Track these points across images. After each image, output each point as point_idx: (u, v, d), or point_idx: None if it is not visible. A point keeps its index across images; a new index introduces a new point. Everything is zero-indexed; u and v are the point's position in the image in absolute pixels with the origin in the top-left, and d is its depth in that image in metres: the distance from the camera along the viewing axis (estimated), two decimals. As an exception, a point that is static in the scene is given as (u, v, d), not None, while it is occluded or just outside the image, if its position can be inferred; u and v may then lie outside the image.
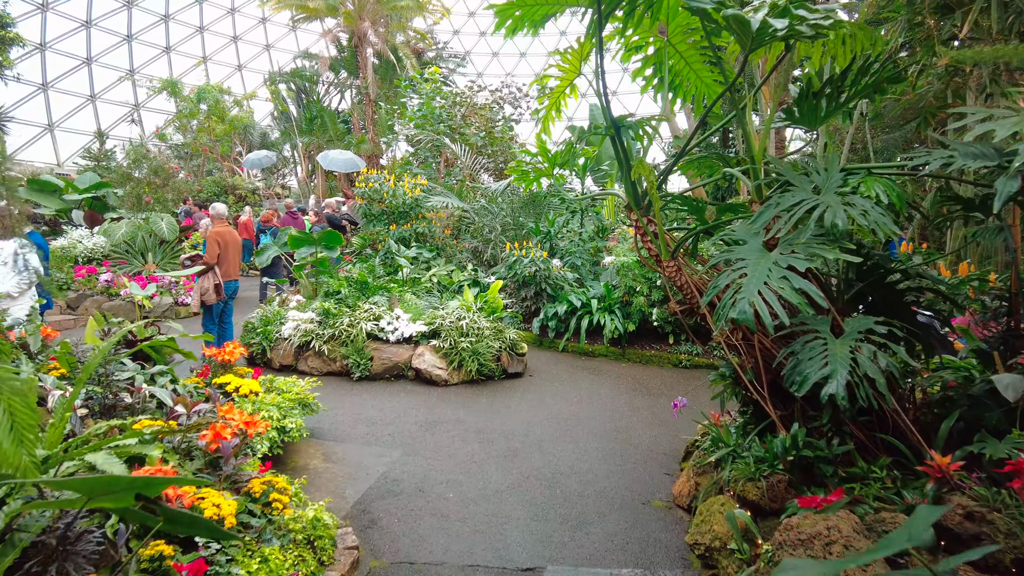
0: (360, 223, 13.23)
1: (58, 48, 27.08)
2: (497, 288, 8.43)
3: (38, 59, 26.89)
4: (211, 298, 7.81)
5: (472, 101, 17.92)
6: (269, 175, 30.08)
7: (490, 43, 38.28)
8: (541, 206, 12.92)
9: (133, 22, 29.30)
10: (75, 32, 27.52)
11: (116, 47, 29.29)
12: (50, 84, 27.54)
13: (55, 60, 27.36)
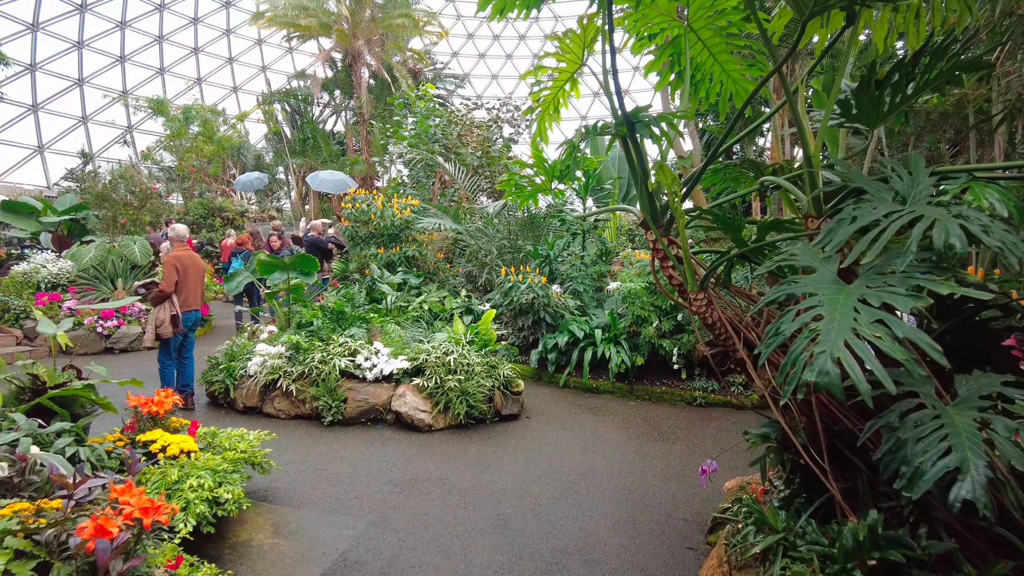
0: (347, 246, 12.39)
1: (49, 69, 26.58)
2: (490, 318, 7.54)
3: (28, 80, 26.35)
4: (167, 331, 6.92)
5: (469, 120, 17.21)
6: (264, 198, 29.42)
7: (489, 65, 37.94)
8: (540, 228, 12.09)
9: (127, 43, 28.86)
10: (67, 52, 27.05)
11: (109, 68, 28.84)
12: (40, 105, 26.97)
13: (46, 81, 26.84)
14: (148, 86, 30.22)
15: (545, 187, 4.96)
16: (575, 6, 34.60)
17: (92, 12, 26.75)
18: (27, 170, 27.79)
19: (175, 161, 21.88)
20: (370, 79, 23.52)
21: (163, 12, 29.22)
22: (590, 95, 36.11)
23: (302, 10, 19.94)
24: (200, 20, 30.82)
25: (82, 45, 27.23)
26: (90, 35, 27.27)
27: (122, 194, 12.73)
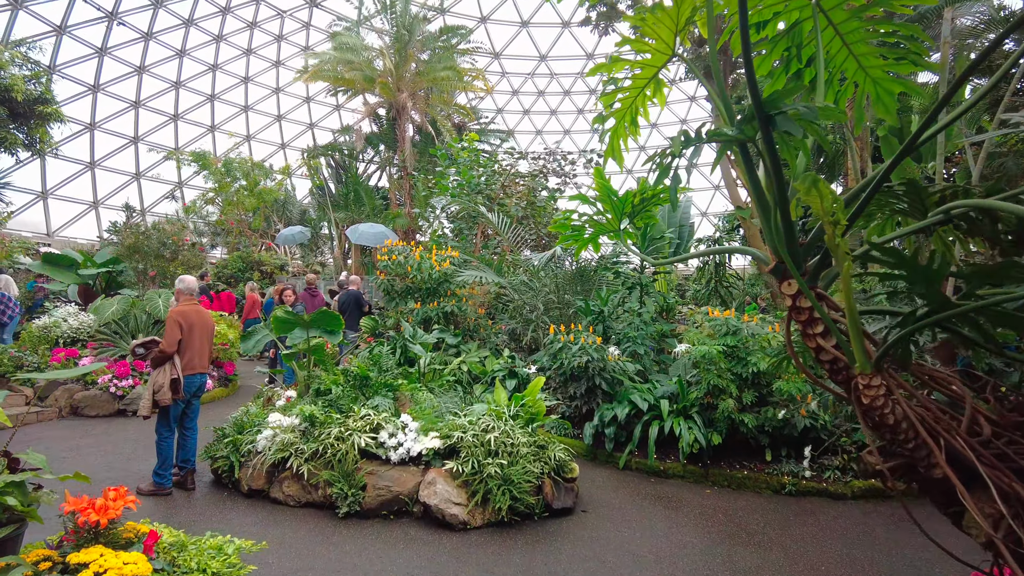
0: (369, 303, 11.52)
1: (106, 127, 27.30)
2: (538, 387, 6.37)
3: (86, 138, 27.11)
4: (166, 397, 5.98)
5: (513, 170, 16.48)
6: (308, 252, 29.26)
7: (534, 121, 37.81)
8: (590, 281, 10.99)
9: (180, 102, 29.65)
10: (124, 112, 27.83)
11: (162, 127, 29.57)
12: (97, 162, 27.65)
13: (103, 139, 27.57)
14: (199, 143, 30.88)
15: (611, 227, 3.90)
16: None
17: (149, 73, 27.61)
18: (82, 225, 28.37)
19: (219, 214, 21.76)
20: (415, 134, 23.29)
21: (216, 72, 30.05)
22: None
23: (347, 64, 19.89)
24: (251, 79, 31.62)
25: (139, 104, 28.05)
26: (147, 95, 28.11)
27: (153, 246, 12.21)
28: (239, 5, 28.20)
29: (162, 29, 26.78)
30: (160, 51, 27.52)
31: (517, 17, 32.74)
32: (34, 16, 22.48)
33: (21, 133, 19.04)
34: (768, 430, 7.26)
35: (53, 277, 16.28)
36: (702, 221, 34.75)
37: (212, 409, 9.99)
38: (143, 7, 25.43)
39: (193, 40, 28.20)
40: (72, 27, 23.74)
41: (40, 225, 27.22)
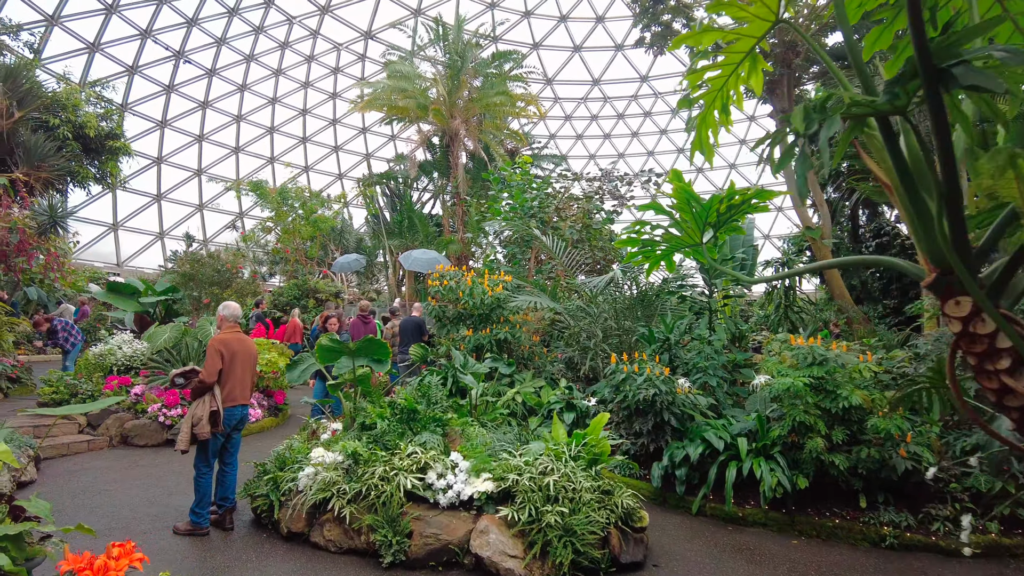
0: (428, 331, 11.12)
1: (172, 161, 28.32)
2: (602, 423, 5.75)
3: (154, 171, 28.16)
4: (204, 431, 5.64)
5: (567, 193, 16.01)
6: (364, 280, 29.44)
7: (587, 146, 37.43)
8: (651, 307, 10.30)
9: (241, 135, 30.57)
10: (188, 146, 28.85)
11: (224, 159, 30.51)
12: (163, 194, 28.68)
13: (169, 172, 28.60)
14: (260, 174, 31.75)
15: (690, 240, 3.35)
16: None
17: (212, 108, 28.64)
18: (149, 254, 29.44)
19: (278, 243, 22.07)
20: (467, 160, 23.18)
21: (275, 105, 30.96)
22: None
23: (400, 92, 19.97)
24: (308, 112, 32.42)
25: (202, 138, 29.08)
26: (210, 128, 29.15)
27: (208, 274, 12.22)
28: (297, 40, 29.08)
29: (225, 65, 27.83)
30: (223, 86, 28.59)
31: (569, 42, 32.65)
32: (109, 58, 23.62)
33: (93, 167, 19.85)
34: (862, 473, 6.40)
35: (116, 305, 16.67)
36: (764, 244, 33.40)
37: (260, 440, 9.72)
38: (207, 44, 26.46)
39: (253, 75, 29.20)
40: (142, 67, 24.85)
41: (111, 256, 28.37)
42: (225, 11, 25.65)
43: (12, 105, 15.69)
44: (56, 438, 8.80)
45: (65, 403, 9.52)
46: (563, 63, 33.78)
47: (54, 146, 17.49)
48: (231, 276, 12.92)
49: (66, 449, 8.57)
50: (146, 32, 23.85)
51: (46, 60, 21.28)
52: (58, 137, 17.49)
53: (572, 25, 32.06)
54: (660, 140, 36.38)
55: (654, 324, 9.52)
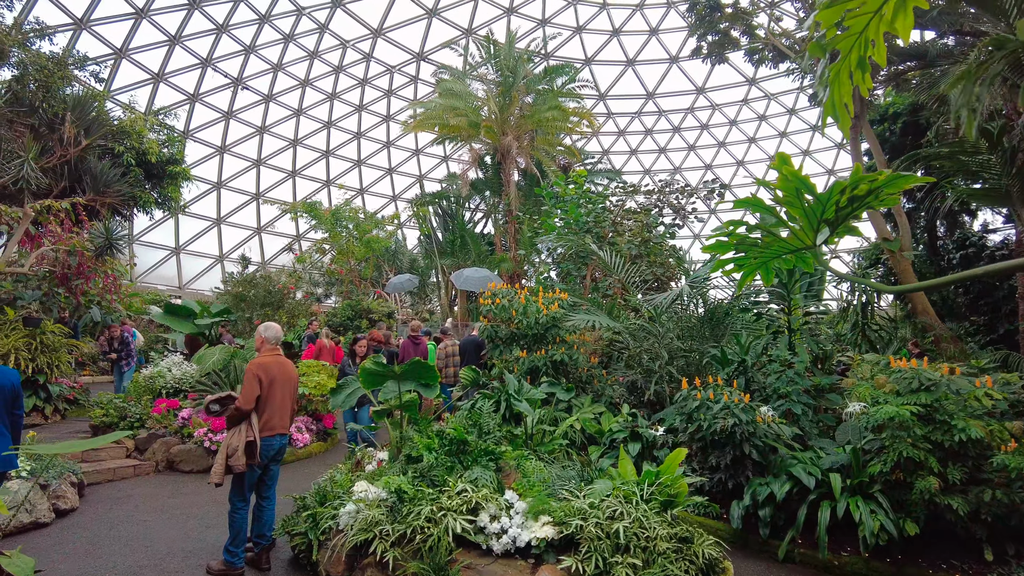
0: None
1: (231, 185, 28.97)
2: (678, 461, 5.03)
3: (214, 196, 28.85)
4: (239, 462, 5.20)
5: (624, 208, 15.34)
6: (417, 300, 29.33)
7: (642, 161, 36.59)
8: (721, 325, 9.48)
9: (298, 159, 31.11)
10: (247, 170, 29.50)
11: (282, 182, 31.06)
12: (223, 218, 29.33)
13: (228, 196, 29.26)
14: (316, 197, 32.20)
15: (800, 242, 2.73)
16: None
17: (269, 133, 29.26)
18: (210, 277, 30.08)
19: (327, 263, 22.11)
20: (520, 177, 22.80)
21: (330, 129, 31.41)
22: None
23: (452, 111, 19.78)
24: (363, 135, 32.78)
25: (260, 163, 29.70)
26: (267, 153, 29.76)
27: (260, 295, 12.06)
28: (350, 64, 29.48)
29: (281, 91, 28.40)
30: (279, 111, 29.19)
31: (623, 56, 32.07)
32: (172, 87, 24.40)
33: (155, 193, 20.34)
34: (986, 519, 5.45)
35: (172, 327, 16.83)
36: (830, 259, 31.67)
37: (307, 466, 9.34)
38: (264, 71, 27.08)
39: (309, 99, 29.71)
40: (203, 95, 25.57)
41: (174, 279, 29.13)
42: (281, 37, 26.20)
43: (80, 134, 16.13)
44: (103, 463, 8.62)
45: (115, 426, 9.39)
46: (616, 77, 33.22)
47: (118, 172, 17.95)
48: (282, 297, 12.75)
49: (112, 474, 8.37)
50: (206, 61, 24.55)
51: (115, 91, 22.07)
52: (122, 163, 17.97)
53: (625, 38, 31.52)
54: (718, 153, 35.25)
55: (724, 343, 8.71)
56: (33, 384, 10.65)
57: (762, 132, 33.50)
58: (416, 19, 28.49)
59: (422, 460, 5.34)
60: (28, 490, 6.39)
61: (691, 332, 9.42)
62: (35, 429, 10.12)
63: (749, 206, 2.99)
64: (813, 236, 2.78)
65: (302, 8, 25.37)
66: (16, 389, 4.62)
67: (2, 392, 4.52)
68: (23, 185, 10.90)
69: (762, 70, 28.96)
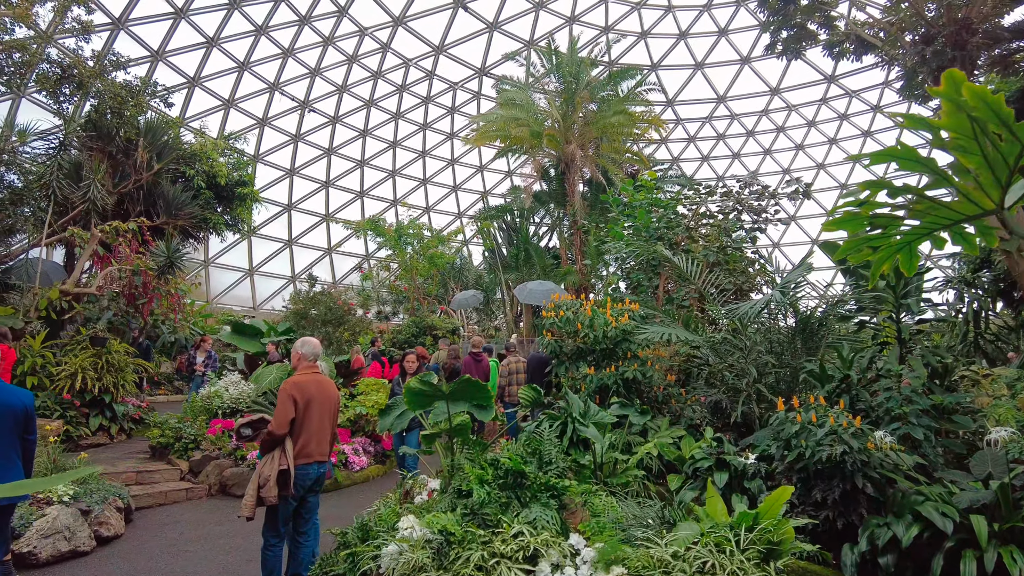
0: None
1: (302, 207, 29.50)
2: (781, 501, 4.12)
3: (285, 218, 29.45)
4: (271, 494, 4.66)
5: (699, 211, 14.31)
6: (484, 316, 28.92)
7: (714, 167, 35.07)
8: (816, 336, 8.37)
9: (365, 179, 31.45)
10: (316, 192, 30.01)
11: (350, 203, 31.44)
12: (294, 239, 29.88)
13: (299, 218, 29.82)
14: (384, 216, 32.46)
15: (981, 202, 1.88)
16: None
17: (337, 154, 29.70)
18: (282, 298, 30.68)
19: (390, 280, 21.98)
20: (585, 186, 22.05)
21: (396, 149, 31.64)
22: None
23: (514, 121, 19.28)
24: (427, 153, 32.88)
25: (329, 184, 30.18)
26: (336, 174, 30.21)
27: (320, 312, 11.79)
28: (414, 82, 29.61)
29: (346, 112, 28.79)
30: (345, 132, 29.60)
31: (691, 59, 30.88)
32: (242, 112, 25.08)
33: (225, 215, 20.81)
34: None
35: (240, 346, 16.94)
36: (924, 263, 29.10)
37: (362, 491, 8.82)
38: (329, 93, 27.52)
39: (374, 119, 30.01)
40: (272, 118, 26.19)
41: (248, 299, 29.87)
42: (344, 59, 26.57)
43: (152, 158, 16.58)
44: (157, 485, 8.38)
45: (170, 447, 9.17)
46: (685, 82, 32.00)
47: (189, 195, 18.43)
48: (343, 314, 12.45)
49: (164, 498, 8.09)
50: (274, 85, 25.14)
51: (189, 118, 22.85)
52: (192, 186, 18.43)
53: (693, 41, 30.32)
54: (796, 156, 33.31)
55: (821, 358, 7.61)
56: (99, 403, 10.65)
57: (843, 132, 31.40)
58: (477, 34, 28.36)
59: (474, 494, 4.62)
60: (69, 516, 6.13)
61: (781, 345, 8.36)
62: (99, 448, 10.11)
63: (893, 159, 2.18)
64: (1000, 194, 1.94)
65: (364, 28, 25.66)
66: (29, 411, 4.22)
67: (12, 413, 4.12)
68: (90, 207, 11.02)
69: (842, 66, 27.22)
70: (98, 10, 18.05)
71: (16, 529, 5.68)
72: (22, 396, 4.24)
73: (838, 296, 8.68)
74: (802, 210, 32.45)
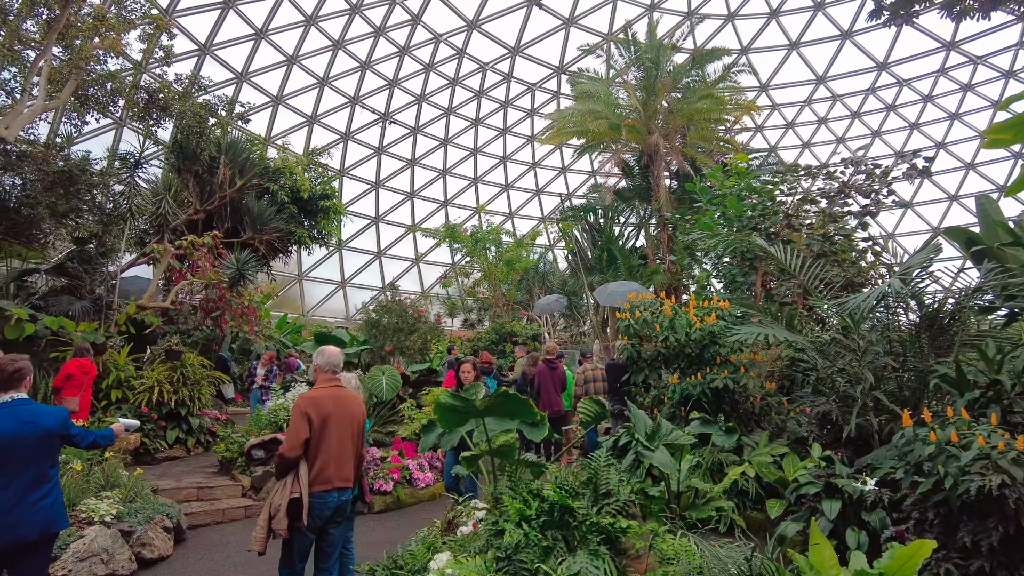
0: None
1: (388, 219, 29.79)
2: (919, 560, 3.00)
3: (373, 231, 29.87)
4: (281, 526, 4.04)
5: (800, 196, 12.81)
6: (571, 322, 27.99)
7: (816, 154, 32.35)
8: (947, 333, 6.90)
9: (448, 188, 31.43)
10: (401, 204, 30.24)
11: (435, 213, 31.49)
12: (383, 251, 30.24)
13: (386, 229, 30.15)
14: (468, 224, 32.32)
15: None
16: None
17: (419, 165, 29.82)
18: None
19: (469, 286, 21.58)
20: (671, 180, 20.67)
21: (476, 156, 31.42)
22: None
23: (590, 114, 18.30)
24: (509, 159, 32.44)
25: (413, 195, 30.36)
26: (419, 185, 30.37)
27: (392, 320, 11.39)
28: (491, 87, 29.24)
29: (426, 122, 28.84)
30: (427, 143, 29.67)
31: (784, 39, 28.59)
32: (325, 127, 25.62)
33: (313, 230, 21.20)
34: None
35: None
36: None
37: (426, 510, 8.16)
38: (409, 103, 27.65)
39: (454, 127, 29.91)
40: (354, 132, 26.59)
41: (340, 311, 30.52)
42: (421, 68, 26.59)
43: (235, 175, 17.00)
44: (217, 502, 8.11)
45: (233, 462, 8.94)
46: (779, 64, 29.60)
47: (274, 210, 18.83)
48: (413, 321, 12.02)
49: (221, 515, 7.79)
50: (354, 98, 25.50)
51: (274, 136, 23.54)
52: (277, 201, 18.82)
53: (786, 19, 28.02)
54: (911, 136, 30.05)
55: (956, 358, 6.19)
56: (176, 417, 10.70)
57: (968, 105, 27.91)
58: (553, 31, 27.57)
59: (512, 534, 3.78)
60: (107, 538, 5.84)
61: (903, 344, 6.96)
62: (174, 462, 10.09)
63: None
64: None
65: (439, 35, 25.54)
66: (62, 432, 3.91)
67: (43, 437, 3.78)
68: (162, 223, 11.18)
69: (965, 28, 24.17)
70: (181, 35, 18.81)
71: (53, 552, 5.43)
72: (53, 416, 3.91)
73: (976, 283, 7.14)
74: (920, 194, 29.28)
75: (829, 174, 12.23)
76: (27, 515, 3.68)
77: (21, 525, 3.66)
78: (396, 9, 23.71)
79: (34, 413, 3.85)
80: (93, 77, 13.46)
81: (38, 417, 3.84)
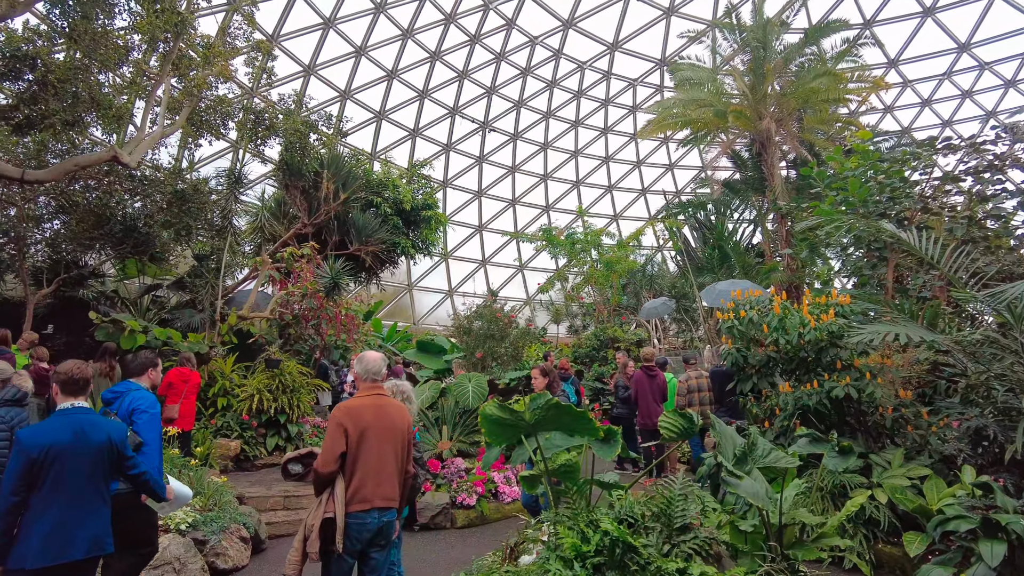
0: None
1: (491, 227, 29.88)
2: None
3: (477, 239, 30.05)
4: (314, 548, 3.68)
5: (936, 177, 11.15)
6: (684, 327, 26.62)
7: (958, 131, 28.67)
8: None
9: (549, 192, 31.03)
10: (503, 211, 30.25)
11: (536, 218, 31.19)
12: (487, 259, 30.38)
13: (489, 237, 30.23)
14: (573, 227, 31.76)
15: None
16: None
17: (520, 171, 29.68)
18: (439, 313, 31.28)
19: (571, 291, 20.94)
20: (788, 168, 19.00)
21: (577, 158, 30.82)
22: None
23: (693, 103, 17.16)
24: (611, 158, 31.54)
25: (515, 202, 30.23)
26: (520, 191, 30.21)
27: (483, 326, 11.09)
28: (590, 86, 28.55)
29: (525, 127, 28.63)
30: (526, 148, 29.46)
31: (916, 6, 25.60)
32: (426, 140, 26.07)
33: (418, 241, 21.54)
34: None
35: (424, 364, 17.02)
36: None
37: (511, 526, 7.56)
38: (507, 110, 27.55)
39: (552, 131, 29.49)
40: (455, 143, 26.87)
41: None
42: (518, 72, 26.38)
43: (338, 189, 17.52)
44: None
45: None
46: (910, 34, 26.50)
47: (378, 222, 19.26)
48: (504, 326, 11.64)
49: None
50: (454, 109, 25.75)
51: (380, 150, 24.24)
52: (380, 213, 19.24)
53: (918, -18, 25.17)
54: None
55: None
56: (275, 424, 10.94)
57: None
58: (653, 23, 26.41)
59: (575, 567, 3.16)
60: (181, 547, 5.82)
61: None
62: (271, 469, 10.23)
63: None
64: None
65: (534, 38, 25.23)
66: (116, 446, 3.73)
67: (97, 451, 3.62)
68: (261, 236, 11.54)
69: None
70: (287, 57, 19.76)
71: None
72: (108, 429, 3.74)
73: None
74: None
75: (974, 147, 10.44)
76: (75, 534, 3.54)
77: (69, 545, 3.51)
78: (491, 15, 23.69)
79: (93, 424, 3.70)
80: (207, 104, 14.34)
81: (95, 430, 3.69)
